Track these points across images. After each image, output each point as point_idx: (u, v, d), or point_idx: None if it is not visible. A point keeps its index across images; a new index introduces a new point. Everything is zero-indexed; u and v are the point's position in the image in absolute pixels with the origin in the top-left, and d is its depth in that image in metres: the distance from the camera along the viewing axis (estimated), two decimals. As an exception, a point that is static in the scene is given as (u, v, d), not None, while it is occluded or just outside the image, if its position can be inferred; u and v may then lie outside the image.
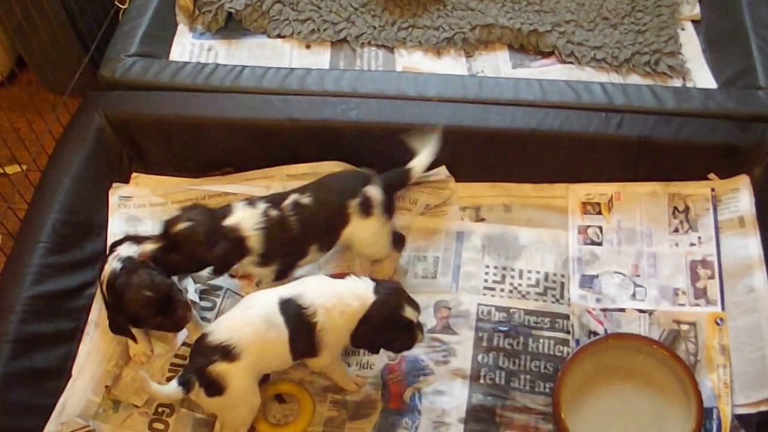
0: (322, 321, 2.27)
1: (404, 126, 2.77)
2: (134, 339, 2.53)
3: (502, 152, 2.87)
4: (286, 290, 2.34)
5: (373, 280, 2.34)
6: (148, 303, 2.36)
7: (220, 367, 2.23)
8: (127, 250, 2.48)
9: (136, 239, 2.55)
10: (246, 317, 2.31)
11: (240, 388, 2.27)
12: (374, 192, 2.52)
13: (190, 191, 2.92)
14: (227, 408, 2.33)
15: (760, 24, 3.12)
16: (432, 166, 2.74)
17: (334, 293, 2.30)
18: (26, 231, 2.66)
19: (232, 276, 2.73)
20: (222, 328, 2.29)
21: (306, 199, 2.48)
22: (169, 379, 2.50)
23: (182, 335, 2.63)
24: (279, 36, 3.31)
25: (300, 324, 2.28)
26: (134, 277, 2.38)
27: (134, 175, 2.99)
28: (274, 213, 2.45)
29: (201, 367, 2.25)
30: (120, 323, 2.48)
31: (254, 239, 2.42)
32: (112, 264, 2.45)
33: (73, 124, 2.92)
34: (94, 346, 2.59)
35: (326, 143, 2.88)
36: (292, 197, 2.49)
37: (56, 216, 2.67)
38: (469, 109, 2.85)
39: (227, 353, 2.24)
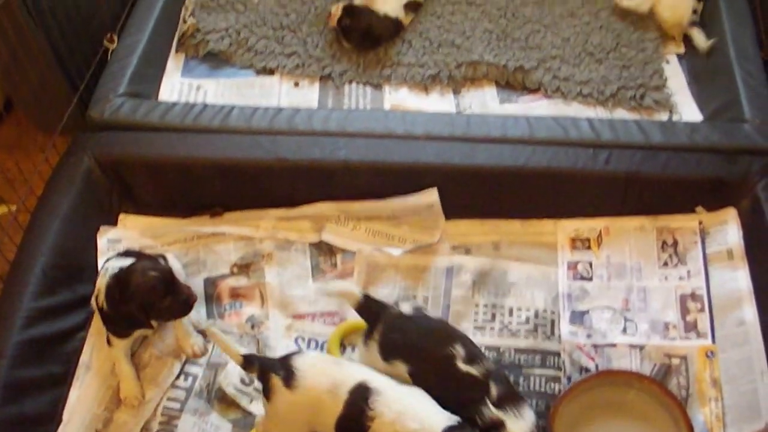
0: (374, 428, 2.22)
1: (393, 165, 2.81)
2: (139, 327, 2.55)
3: (490, 189, 2.87)
4: (373, 376, 2.29)
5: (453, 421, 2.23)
6: (156, 283, 2.42)
7: (276, 380, 2.26)
8: (122, 261, 2.50)
9: (127, 254, 2.58)
10: (326, 368, 2.30)
11: (281, 412, 2.29)
12: None
13: (180, 232, 2.91)
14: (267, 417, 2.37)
15: (743, 57, 3.15)
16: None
17: (402, 409, 2.21)
18: (15, 275, 2.65)
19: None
20: (305, 361, 2.31)
21: None
22: (161, 423, 2.51)
23: (176, 369, 2.62)
24: (265, 69, 3.32)
25: (354, 414, 2.24)
26: (138, 265, 2.45)
27: (122, 215, 2.98)
28: None
29: (267, 364, 2.30)
30: (125, 324, 2.51)
31: None
32: (111, 269, 2.47)
33: (62, 166, 2.92)
34: (85, 390, 2.57)
35: (315, 183, 2.89)
36: None
37: (45, 259, 2.65)
38: (457, 147, 2.86)
39: (289, 376, 2.25)
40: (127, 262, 2.48)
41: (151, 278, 2.42)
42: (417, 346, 2.34)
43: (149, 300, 2.43)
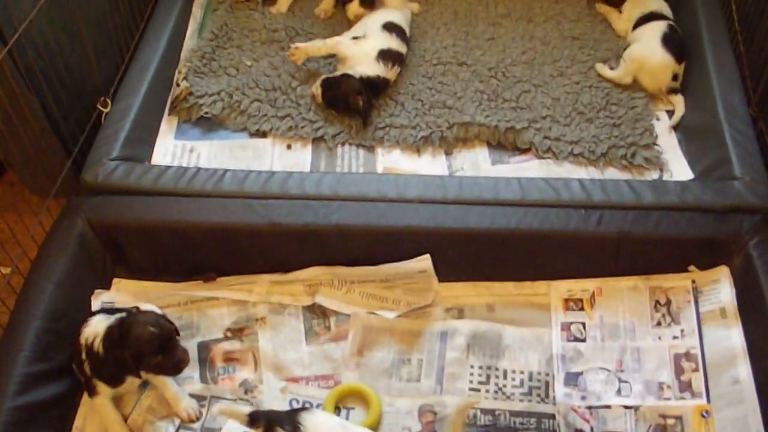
0: None
1: (385, 228, 2.82)
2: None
3: (483, 252, 2.88)
4: None
5: None
6: (151, 338, 2.46)
7: None
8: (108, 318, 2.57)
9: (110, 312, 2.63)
10: (334, 429, 2.34)
11: None
12: None
13: (173, 296, 2.91)
14: None
15: (732, 114, 3.17)
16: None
17: None
18: (9, 340, 2.63)
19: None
20: (314, 419, 2.32)
21: None
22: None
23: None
24: (258, 131, 3.34)
25: None
26: (140, 317, 2.53)
27: (116, 280, 2.98)
28: None
29: (274, 418, 2.32)
30: (116, 370, 2.53)
31: None
32: (105, 322, 2.54)
33: (56, 229, 2.92)
34: (78, 453, 2.57)
35: (308, 247, 2.89)
36: None
37: (39, 324, 2.64)
38: (449, 210, 2.87)
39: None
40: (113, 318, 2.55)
41: (148, 332, 2.46)
42: None
43: (141, 352, 2.46)
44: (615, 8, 3.77)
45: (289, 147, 3.30)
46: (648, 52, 3.42)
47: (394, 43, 3.41)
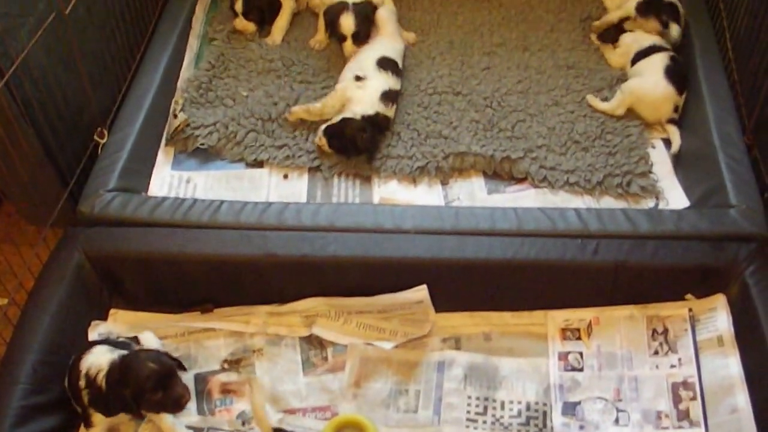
0: None
1: (382, 259, 2.83)
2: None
3: (480, 282, 2.88)
4: None
5: None
6: (151, 375, 2.48)
7: None
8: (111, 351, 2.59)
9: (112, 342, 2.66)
10: None
11: None
12: None
13: (170, 327, 2.91)
14: None
15: (727, 142, 3.18)
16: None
17: None
18: (5, 372, 2.62)
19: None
20: None
21: None
22: None
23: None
24: (255, 161, 3.35)
25: None
26: (142, 353, 2.57)
27: (113, 311, 2.98)
28: None
29: None
30: (117, 405, 2.53)
31: None
32: (108, 355, 2.56)
33: (53, 260, 2.92)
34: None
35: (305, 278, 2.90)
36: None
37: (36, 356, 2.64)
38: (446, 241, 2.88)
39: None
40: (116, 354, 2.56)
41: (148, 369, 2.48)
42: None
43: (141, 389, 2.47)
44: (609, 44, 3.78)
45: (285, 177, 3.30)
46: (649, 85, 3.42)
47: (392, 81, 3.42)
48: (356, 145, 3.25)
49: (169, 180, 3.29)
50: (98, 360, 2.56)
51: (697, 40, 3.66)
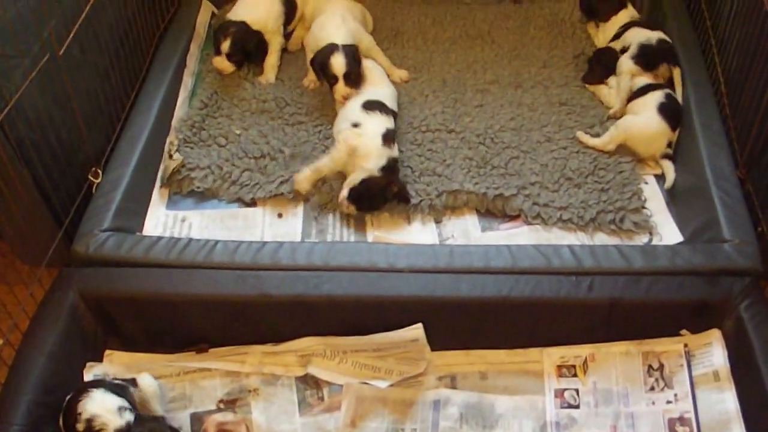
0: None
1: (377, 298, 2.83)
2: None
3: (475, 320, 2.88)
4: None
5: None
6: None
7: None
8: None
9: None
10: None
11: None
12: None
13: (165, 368, 2.90)
14: None
15: (720, 176, 3.19)
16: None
17: None
18: (0, 413, 2.61)
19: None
20: None
21: None
22: None
23: None
24: (253, 200, 3.36)
25: None
26: (147, 423, 2.57)
27: (108, 351, 2.96)
28: None
29: None
30: None
31: None
32: (108, 403, 2.56)
33: (47, 301, 2.91)
34: None
35: (300, 317, 2.89)
36: None
37: (31, 397, 2.63)
38: (440, 279, 2.88)
39: None
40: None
41: None
42: None
43: None
44: (599, 83, 3.80)
45: (279, 216, 3.31)
46: (642, 122, 3.45)
47: (385, 120, 3.39)
48: (386, 198, 3.23)
49: (164, 219, 3.29)
50: (100, 407, 2.55)
51: (689, 74, 3.68)
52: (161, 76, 3.79)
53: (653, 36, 3.77)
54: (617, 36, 3.93)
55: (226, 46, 3.83)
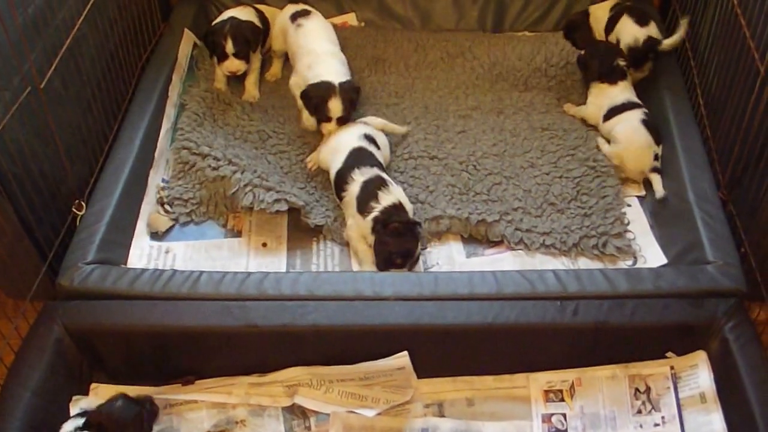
0: None
1: (362, 327, 2.82)
2: None
3: (461, 347, 2.88)
4: None
5: None
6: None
7: None
8: None
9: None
10: None
11: None
12: None
13: (152, 401, 2.89)
14: None
15: (702, 198, 3.21)
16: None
17: None
18: (-14, 450, 2.61)
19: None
20: None
21: None
22: None
23: None
24: (233, 230, 3.37)
25: None
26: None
27: (93, 385, 2.95)
28: None
29: None
30: None
31: None
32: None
33: (32, 335, 2.89)
34: None
35: (286, 347, 2.89)
36: None
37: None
38: (426, 307, 2.87)
39: None
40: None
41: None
42: None
43: None
44: (599, 81, 3.78)
45: (264, 245, 3.31)
46: (631, 130, 3.51)
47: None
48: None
49: (148, 251, 3.29)
50: None
51: (669, 96, 3.72)
52: (143, 108, 3.78)
53: (640, 36, 3.85)
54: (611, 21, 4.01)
55: (230, 46, 3.84)
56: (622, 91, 3.69)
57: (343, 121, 3.57)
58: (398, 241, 3.09)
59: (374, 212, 3.14)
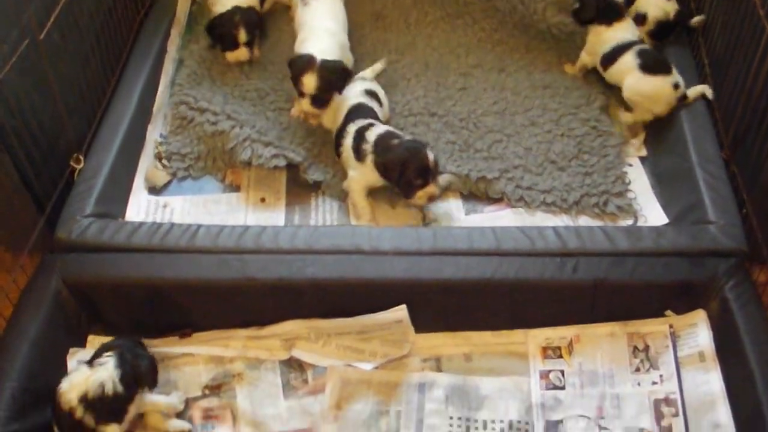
0: None
1: (361, 281, 2.82)
2: None
3: (459, 302, 2.88)
4: None
5: None
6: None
7: None
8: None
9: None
10: None
11: None
12: None
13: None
14: None
15: (705, 158, 3.19)
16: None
17: None
18: (-16, 400, 2.61)
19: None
20: None
21: None
22: None
23: None
24: (231, 185, 3.37)
25: None
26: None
27: (91, 337, 2.95)
28: None
29: None
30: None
31: None
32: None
33: (30, 288, 2.90)
34: None
35: (284, 301, 2.88)
36: None
37: (15, 383, 2.61)
38: (424, 261, 2.87)
39: None
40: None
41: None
42: None
43: None
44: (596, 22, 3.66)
45: (263, 200, 3.30)
46: (635, 86, 3.45)
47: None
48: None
49: (146, 205, 3.28)
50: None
51: (674, 56, 3.68)
52: (142, 62, 3.76)
53: (670, 9, 3.78)
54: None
55: (242, 35, 3.77)
56: (615, 32, 3.60)
57: (318, 102, 3.37)
58: (404, 154, 3.08)
59: (369, 151, 3.16)
